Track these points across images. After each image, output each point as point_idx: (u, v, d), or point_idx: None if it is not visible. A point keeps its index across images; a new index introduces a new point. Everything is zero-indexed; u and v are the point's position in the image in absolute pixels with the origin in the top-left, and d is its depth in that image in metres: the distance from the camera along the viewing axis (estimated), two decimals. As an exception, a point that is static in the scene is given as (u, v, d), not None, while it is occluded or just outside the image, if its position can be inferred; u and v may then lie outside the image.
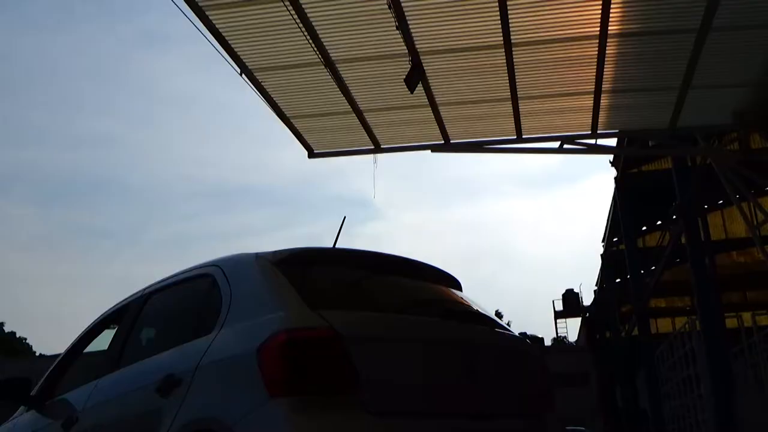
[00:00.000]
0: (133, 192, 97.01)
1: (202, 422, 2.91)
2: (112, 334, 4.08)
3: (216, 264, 3.52)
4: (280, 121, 9.64)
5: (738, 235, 25.75)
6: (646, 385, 20.39)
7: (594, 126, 9.90)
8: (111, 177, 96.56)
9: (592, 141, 10.31)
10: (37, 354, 51.53)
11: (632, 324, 25.13)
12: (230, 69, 8.20)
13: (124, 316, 4.02)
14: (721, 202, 24.08)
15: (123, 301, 4.19)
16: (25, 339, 59.85)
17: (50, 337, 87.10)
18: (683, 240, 14.32)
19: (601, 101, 9.22)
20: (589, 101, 9.28)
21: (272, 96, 9.09)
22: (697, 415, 15.33)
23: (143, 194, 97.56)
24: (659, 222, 24.70)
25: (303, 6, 7.31)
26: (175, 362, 3.21)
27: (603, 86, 8.85)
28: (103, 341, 4.19)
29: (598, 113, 9.53)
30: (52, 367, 4.39)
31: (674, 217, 15.48)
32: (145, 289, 4.03)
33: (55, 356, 4.78)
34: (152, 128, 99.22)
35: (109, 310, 4.31)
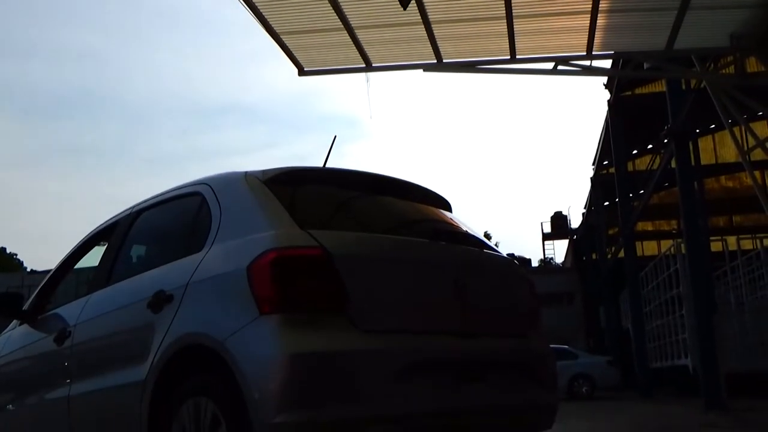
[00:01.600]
0: (119, 108, 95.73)
1: (193, 337, 2.96)
2: (102, 251, 4.10)
3: (205, 182, 3.50)
4: (269, 37, 9.41)
5: (728, 160, 25.88)
6: (629, 306, 20.83)
7: (589, 47, 9.74)
8: (97, 92, 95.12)
9: (587, 62, 10.17)
10: (28, 270, 51.81)
11: (619, 246, 25.45)
12: (218, -18, 7.95)
13: (114, 233, 4.03)
14: (713, 126, 24.06)
15: (113, 218, 4.19)
16: (16, 255, 60.06)
17: (41, 253, 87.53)
18: (673, 164, 14.34)
19: (598, 21, 9.03)
20: (585, 21, 9.09)
21: (261, 10, 8.83)
22: (677, 335, 15.76)
23: (130, 111, 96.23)
24: (650, 146, 24.71)
25: None
26: (167, 279, 3.24)
27: (600, 5, 8.66)
28: (93, 258, 4.21)
29: (593, 34, 9.35)
30: (43, 283, 4.43)
31: (665, 140, 15.45)
32: (134, 207, 4.03)
33: (47, 272, 4.81)
34: (138, 43, 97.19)
35: (99, 226, 4.31)
